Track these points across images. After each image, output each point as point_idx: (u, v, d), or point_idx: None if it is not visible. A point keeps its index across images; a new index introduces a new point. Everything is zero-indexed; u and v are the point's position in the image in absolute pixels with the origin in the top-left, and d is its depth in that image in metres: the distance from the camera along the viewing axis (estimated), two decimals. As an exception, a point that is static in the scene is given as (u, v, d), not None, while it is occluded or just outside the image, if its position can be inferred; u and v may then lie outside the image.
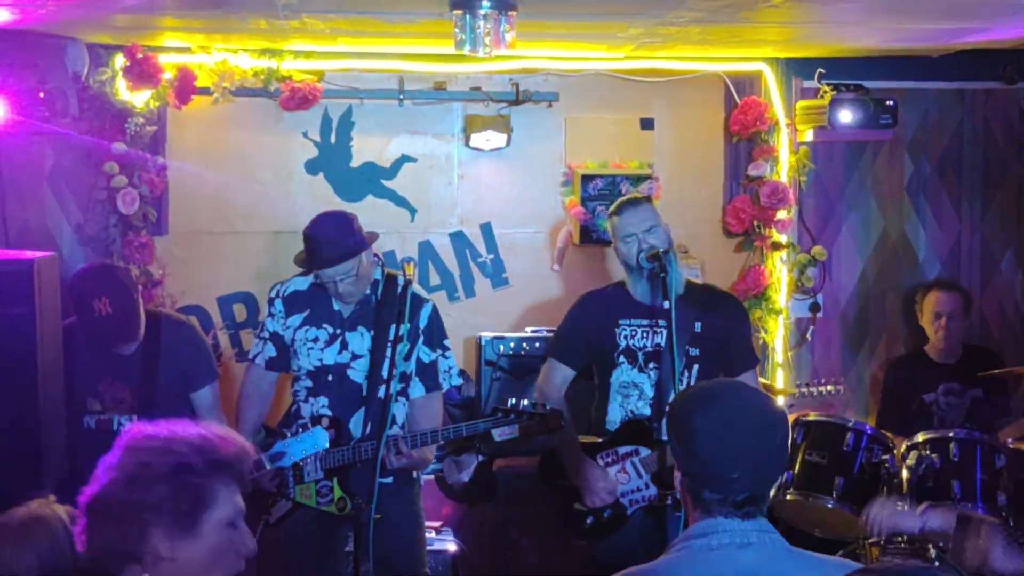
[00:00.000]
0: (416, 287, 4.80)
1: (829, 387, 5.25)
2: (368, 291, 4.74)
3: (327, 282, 4.64)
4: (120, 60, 5.73)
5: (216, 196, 6.17)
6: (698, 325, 4.72)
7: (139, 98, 5.79)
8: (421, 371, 4.83)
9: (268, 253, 6.18)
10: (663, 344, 4.73)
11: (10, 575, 2.88)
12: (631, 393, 4.81)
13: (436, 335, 4.85)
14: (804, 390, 5.49)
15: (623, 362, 4.81)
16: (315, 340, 4.77)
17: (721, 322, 4.82)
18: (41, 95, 5.52)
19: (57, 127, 5.68)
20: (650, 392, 4.77)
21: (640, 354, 4.79)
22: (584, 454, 4.77)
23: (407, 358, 4.77)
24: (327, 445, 4.47)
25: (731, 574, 2.53)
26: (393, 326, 4.64)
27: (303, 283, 4.85)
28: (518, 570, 5.94)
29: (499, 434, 4.46)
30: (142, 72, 5.69)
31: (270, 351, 4.86)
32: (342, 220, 4.71)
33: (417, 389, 4.83)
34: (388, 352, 4.62)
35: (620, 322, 4.82)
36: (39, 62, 5.70)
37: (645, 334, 4.79)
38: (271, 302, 4.87)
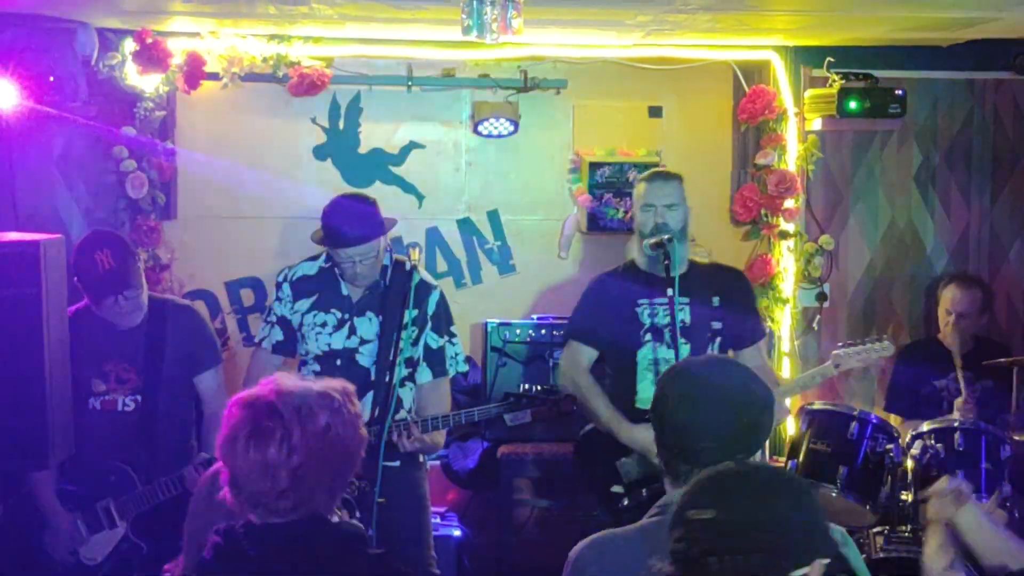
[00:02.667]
0: (424, 273, 4.83)
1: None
2: (377, 276, 4.76)
3: (344, 262, 4.65)
4: (129, 45, 5.74)
5: (224, 181, 6.17)
6: (716, 299, 4.80)
7: (148, 83, 5.80)
8: (429, 357, 4.84)
9: (276, 238, 6.20)
10: (688, 320, 4.83)
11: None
12: (663, 369, 4.74)
13: (444, 321, 4.87)
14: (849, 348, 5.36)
15: (649, 340, 4.86)
16: (323, 325, 4.78)
17: (734, 296, 4.92)
18: (51, 79, 5.55)
19: (66, 111, 5.70)
20: None
21: (666, 331, 4.83)
22: (633, 424, 4.76)
23: (415, 344, 4.79)
24: None
25: None
26: (402, 311, 4.66)
27: (311, 267, 4.87)
28: (522, 556, 5.95)
29: (511, 419, 4.46)
30: (151, 57, 5.71)
31: (277, 335, 4.88)
32: (366, 202, 4.74)
33: (424, 375, 4.85)
34: (393, 337, 4.64)
35: (639, 301, 4.88)
36: (49, 47, 5.72)
37: (667, 312, 4.82)
38: (279, 286, 4.88)
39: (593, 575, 2.64)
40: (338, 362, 4.76)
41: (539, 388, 4.47)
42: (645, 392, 4.82)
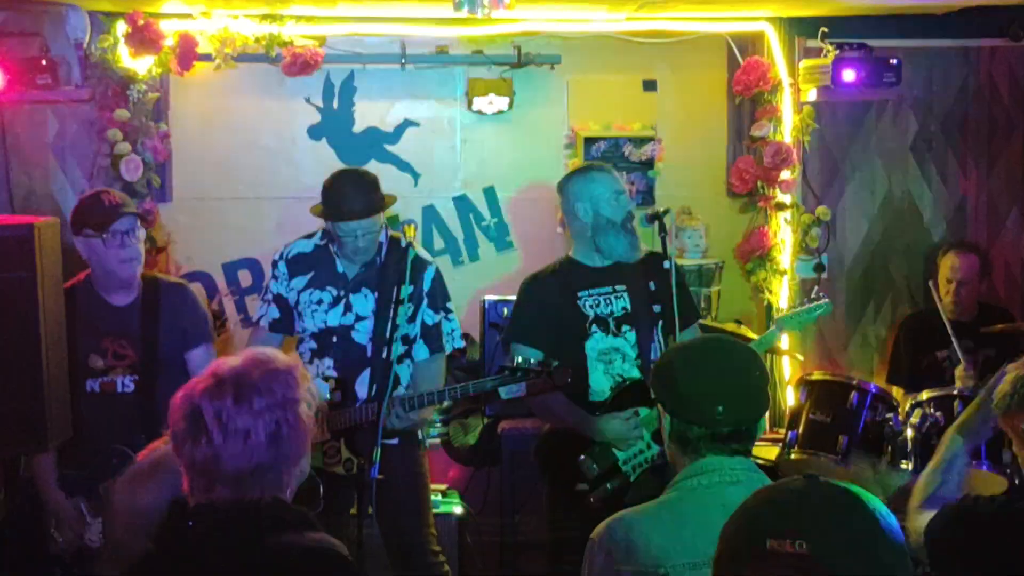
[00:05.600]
0: (420, 250, 4.84)
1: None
2: (374, 253, 4.76)
3: (346, 236, 4.64)
4: (121, 27, 5.73)
5: (219, 162, 6.18)
6: (652, 284, 4.72)
7: (141, 65, 5.79)
8: (425, 333, 4.85)
9: (272, 219, 6.20)
10: (629, 307, 4.76)
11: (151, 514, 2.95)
12: (614, 358, 4.75)
13: (440, 297, 4.87)
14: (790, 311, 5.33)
15: (596, 331, 4.75)
16: (319, 302, 4.79)
17: (666, 281, 4.79)
18: (43, 63, 5.55)
19: (60, 95, 5.70)
20: (633, 353, 4.73)
21: (611, 320, 4.76)
22: (593, 416, 4.69)
23: (411, 320, 4.79)
24: (328, 396, 4.50)
25: (720, 510, 2.58)
26: (397, 287, 4.65)
27: (306, 245, 4.88)
28: (524, 533, 5.96)
29: (506, 392, 4.43)
30: (143, 39, 5.69)
31: (274, 313, 4.89)
32: (368, 176, 4.74)
33: (421, 351, 4.85)
34: (389, 313, 4.64)
35: (579, 294, 4.78)
36: (41, 30, 5.74)
37: (608, 301, 4.78)
38: (274, 264, 4.89)
39: (617, 553, 2.65)
40: (334, 339, 4.77)
41: (532, 361, 4.44)
42: (597, 384, 4.75)
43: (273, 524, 2.54)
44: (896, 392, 6.01)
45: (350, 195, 4.63)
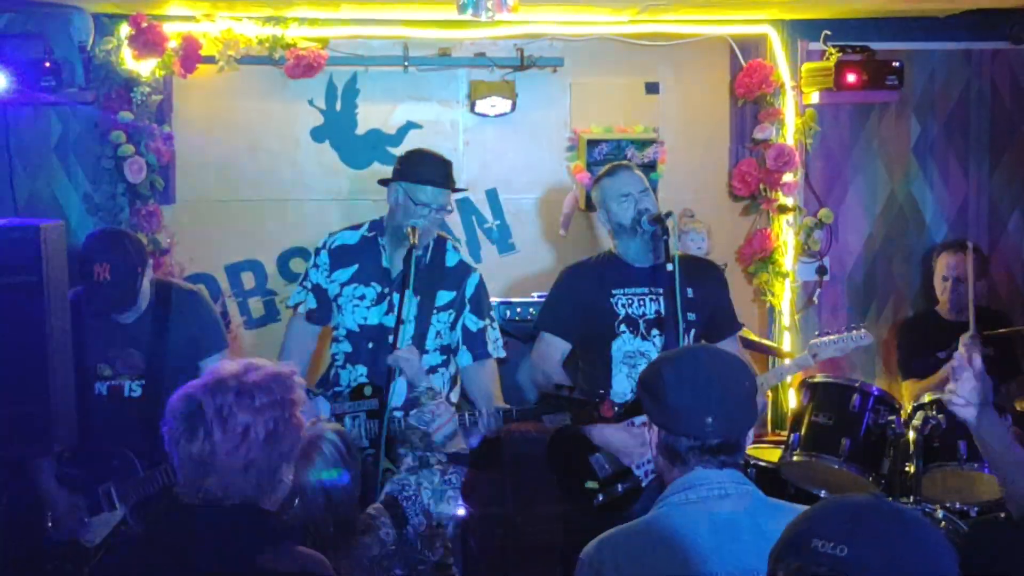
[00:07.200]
0: (465, 255, 4.85)
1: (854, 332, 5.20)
2: (431, 238, 4.72)
3: (421, 206, 4.57)
4: (125, 29, 5.73)
5: (223, 164, 6.18)
6: (690, 291, 4.65)
7: (144, 67, 5.79)
8: (468, 339, 4.79)
9: (275, 221, 6.20)
10: (663, 311, 4.68)
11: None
12: (638, 362, 4.70)
13: (484, 304, 4.83)
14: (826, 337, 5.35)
15: (624, 331, 4.72)
16: (362, 298, 4.74)
17: (708, 289, 4.81)
18: (47, 65, 5.55)
19: (64, 97, 5.70)
20: None
21: (641, 322, 4.73)
22: (607, 425, 4.57)
23: (452, 327, 4.76)
24: (328, 414, 4.48)
25: (709, 525, 2.58)
26: (440, 292, 4.64)
27: (352, 236, 4.84)
28: (527, 535, 5.96)
29: (550, 421, 4.43)
30: (147, 41, 5.70)
31: (311, 302, 4.85)
32: (445, 157, 4.77)
33: (465, 357, 4.80)
34: (432, 319, 4.62)
35: (614, 291, 4.76)
36: (45, 32, 5.75)
37: (642, 302, 4.74)
38: (317, 252, 4.86)
39: (609, 573, 2.63)
40: (370, 345, 4.71)
41: (571, 388, 4.35)
42: (620, 386, 4.72)
43: (262, 537, 2.57)
44: (912, 386, 6.00)
45: (433, 163, 4.65)
